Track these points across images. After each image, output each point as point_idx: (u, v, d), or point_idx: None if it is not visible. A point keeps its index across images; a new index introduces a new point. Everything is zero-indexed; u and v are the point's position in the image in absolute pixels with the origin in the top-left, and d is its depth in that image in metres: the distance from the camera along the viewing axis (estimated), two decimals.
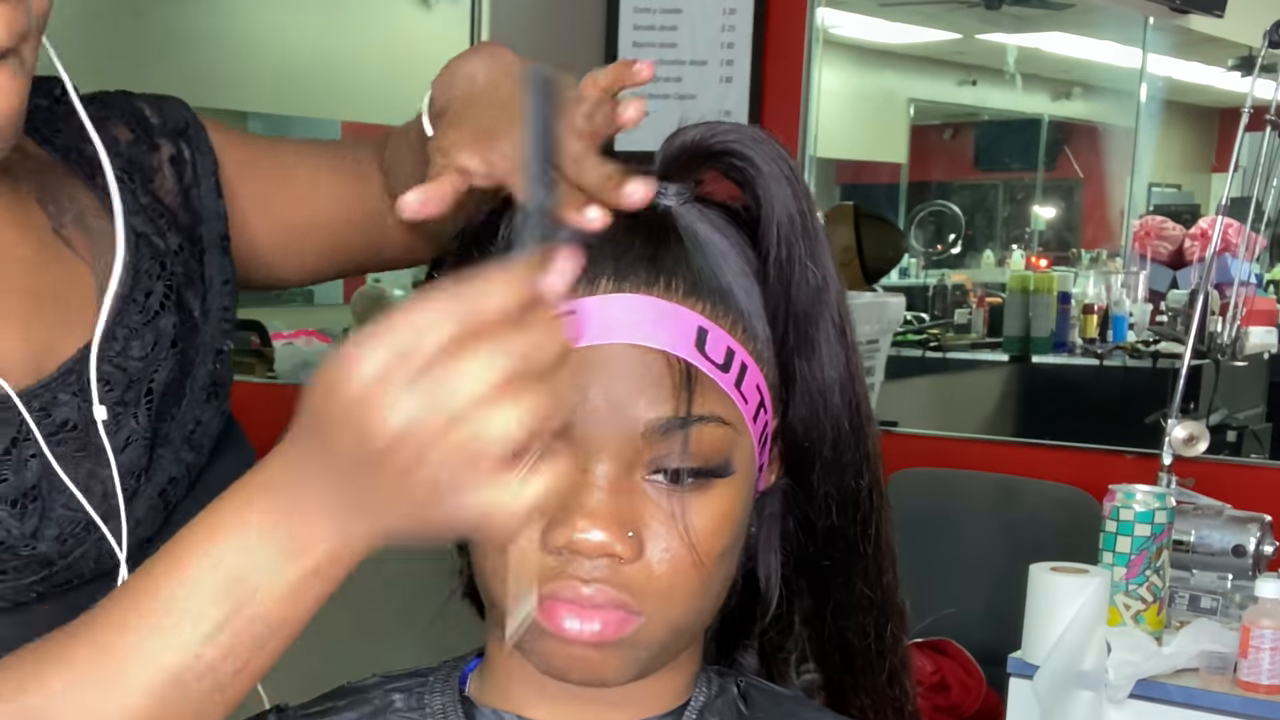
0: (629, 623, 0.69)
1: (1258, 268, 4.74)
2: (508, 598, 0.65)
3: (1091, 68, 6.17)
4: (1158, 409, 2.40)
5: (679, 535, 0.69)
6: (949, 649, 2.84)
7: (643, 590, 0.68)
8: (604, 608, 0.68)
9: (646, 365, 0.68)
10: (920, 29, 5.67)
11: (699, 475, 0.69)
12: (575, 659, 0.70)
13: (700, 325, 0.69)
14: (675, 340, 0.68)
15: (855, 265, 3.65)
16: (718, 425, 0.69)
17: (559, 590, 0.68)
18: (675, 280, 0.69)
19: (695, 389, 0.68)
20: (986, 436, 4.09)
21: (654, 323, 0.68)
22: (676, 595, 0.69)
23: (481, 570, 0.72)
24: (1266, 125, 2.53)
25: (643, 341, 0.68)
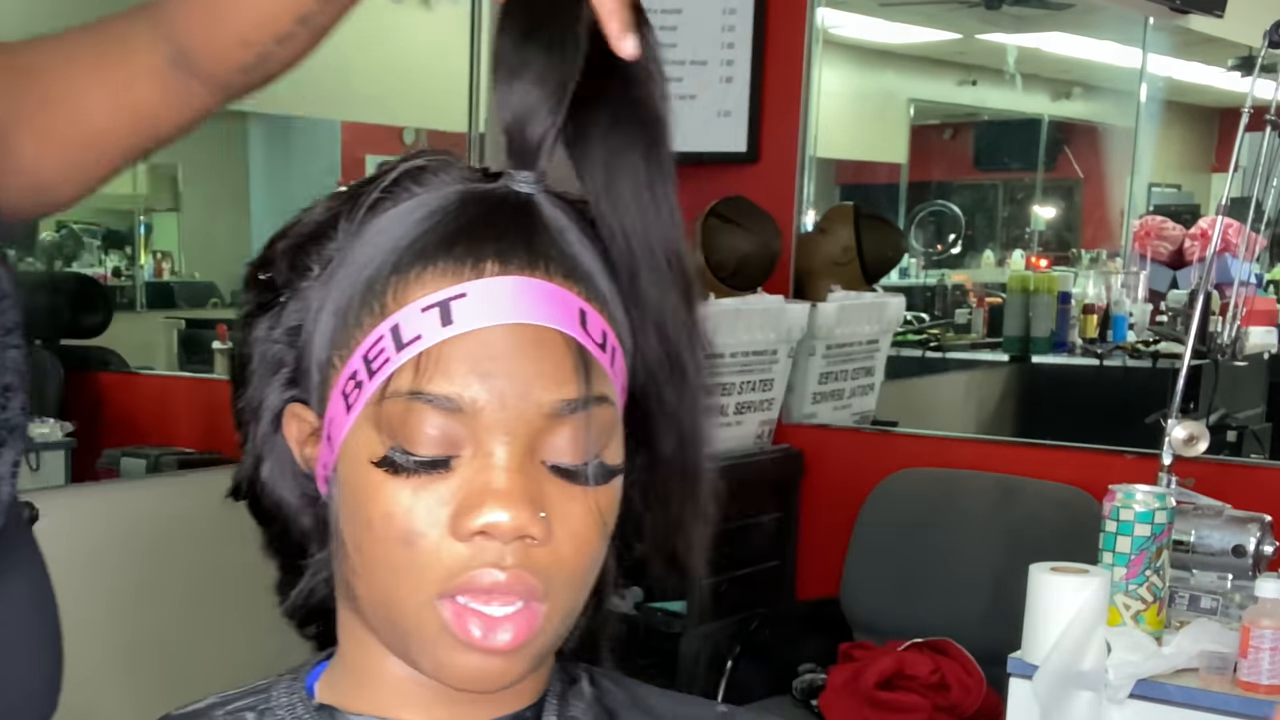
0: (536, 617, 0.68)
1: (1258, 268, 4.74)
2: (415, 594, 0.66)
3: (1091, 68, 6.17)
4: (1158, 409, 2.40)
5: (583, 514, 0.69)
6: (949, 649, 2.84)
7: (551, 574, 0.68)
8: (515, 604, 0.67)
9: (544, 345, 0.68)
10: (920, 29, 5.67)
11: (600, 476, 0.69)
12: (481, 669, 0.68)
13: (580, 308, 0.69)
14: (566, 321, 0.68)
15: (855, 265, 3.65)
16: (608, 405, 0.70)
17: (473, 580, 0.67)
18: (553, 264, 0.69)
19: (589, 367, 0.69)
20: (986, 436, 4.09)
21: (544, 303, 0.68)
22: (576, 579, 0.69)
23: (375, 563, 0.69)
24: (1266, 125, 2.53)
25: (537, 320, 0.68)
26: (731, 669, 3.00)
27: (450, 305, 0.67)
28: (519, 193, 0.71)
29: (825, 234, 3.68)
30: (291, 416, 0.74)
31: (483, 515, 0.66)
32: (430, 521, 0.67)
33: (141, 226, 5.03)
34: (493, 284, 0.68)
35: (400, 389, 0.68)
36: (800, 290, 3.58)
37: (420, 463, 0.67)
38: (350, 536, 0.71)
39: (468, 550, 0.67)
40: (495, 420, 0.67)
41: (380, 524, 0.68)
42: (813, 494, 3.46)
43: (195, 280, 5.14)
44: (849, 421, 3.64)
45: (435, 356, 0.67)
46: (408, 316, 0.68)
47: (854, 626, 3.18)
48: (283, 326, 0.74)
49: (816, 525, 3.43)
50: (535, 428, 0.68)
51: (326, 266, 0.73)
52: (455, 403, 0.67)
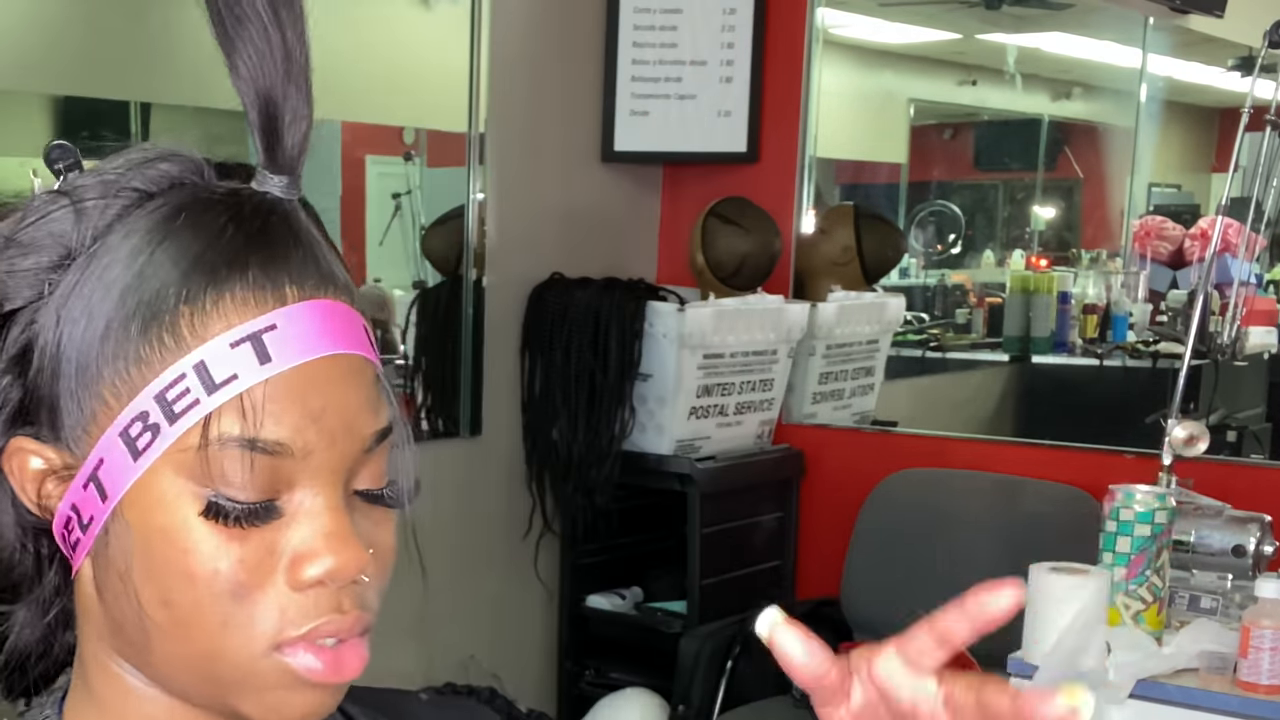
0: (362, 648, 0.65)
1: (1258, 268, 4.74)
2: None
3: (1091, 68, 6.16)
4: (1158, 409, 2.40)
5: (385, 535, 0.67)
6: None
7: (373, 602, 0.66)
8: (356, 637, 0.65)
9: (356, 374, 0.64)
10: (920, 29, 5.67)
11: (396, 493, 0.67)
12: (314, 703, 0.65)
13: (363, 323, 0.66)
14: (362, 342, 0.65)
15: (855, 265, 3.65)
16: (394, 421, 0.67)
17: (316, 631, 0.63)
18: (329, 282, 0.64)
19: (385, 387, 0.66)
20: (986, 436, 4.09)
21: (346, 328, 0.64)
22: (382, 599, 0.68)
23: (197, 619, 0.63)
24: (1266, 125, 2.53)
25: (348, 349, 0.64)
26: (731, 669, 3.00)
27: (263, 339, 0.61)
28: (281, 202, 0.65)
29: (825, 234, 3.68)
30: (17, 451, 0.66)
31: (319, 564, 0.62)
32: (262, 571, 0.63)
33: None
34: (298, 312, 0.62)
35: (226, 434, 0.61)
36: (800, 290, 3.58)
37: (247, 511, 0.62)
38: (154, 592, 0.63)
39: (306, 599, 0.63)
40: (324, 460, 0.63)
41: (205, 578, 0.62)
42: (813, 494, 3.46)
43: None
44: (849, 421, 3.64)
45: (259, 398, 0.61)
46: (214, 353, 0.61)
47: (854, 626, 3.18)
48: (4, 356, 0.66)
49: (816, 525, 3.43)
50: (355, 460, 0.64)
51: (57, 286, 0.64)
52: (286, 447, 0.62)
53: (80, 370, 0.63)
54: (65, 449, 0.65)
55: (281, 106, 0.63)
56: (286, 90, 0.63)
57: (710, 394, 3.25)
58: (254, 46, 0.62)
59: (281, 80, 0.63)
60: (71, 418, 0.64)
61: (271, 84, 0.63)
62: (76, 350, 0.63)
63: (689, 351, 3.16)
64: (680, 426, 3.20)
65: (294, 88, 0.63)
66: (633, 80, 3.53)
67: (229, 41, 0.63)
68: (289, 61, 0.63)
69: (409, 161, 3.74)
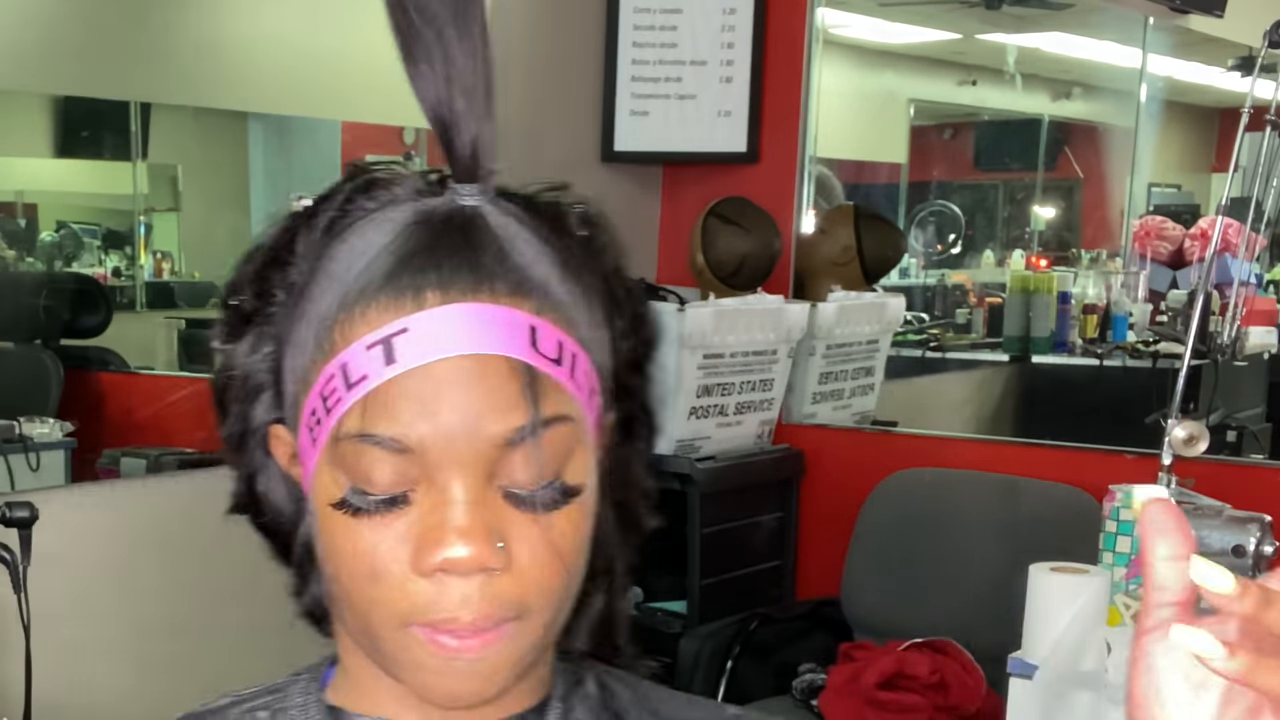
0: (505, 632, 0.68)
1: (1258, 268, 4.74)
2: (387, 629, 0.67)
3: (1091, 68, 6.17)
4: (1158, 409, 2.40)
5: (542, 537, 0.68)
6: (949, 649, 2.84)
7: (517, 598, 0.68)
8: (484, 629, 0.67)
9: (489, 374, 0.67)
10: (920, 29, 5.67)
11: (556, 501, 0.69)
12: (457, 688, 0.69)
13: (531, 324, 0.68)
14: (513, 344, 0.67)
15: (855, 265, 3.65)
16: (564, 423, 0.69)
17: (441, 624, 0.67)
18: (498, 282, 0.68)
19: (539, 390, 0.67)
20: (986, 436, 4.09)
21: (488, 329, 0.67)
22: (547, 596, 0.69)
23: (349, 594, 0.70)
24: (1266, 125, 2.53)
25: (481, 350, 0.67)
26: (731, 669, 3.00)
27: (393, 342, 0.67)
28: (464, 208, 0.70)
29: (825, 234, 3.68)
30: (275, 438, 0.75)
31: (441, 552, 0.66)
32: (392, 558, 0.67)
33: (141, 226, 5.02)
34: (434, 316, 0.67)
35: (350, 430, 0.67)
36: (800, 290, 3.58)
37: (378, 502, 0.68)
38: (327, 566, 0.71)
39: (432, 587, 0.67)
40: (445, 456, 0.67)
41: (349, 560, 0.69)
42: (813, 494, 3.46)
43: (195, 280, 5.14)
44: (849, 421, 3.64)
45: (381, 397, 0.67)
46: (354, 355, 0.68)
47: (854, 626, 3.18)
48: (260, 352, 0.74)
49: (816, 525, 3.43)
50: (488, 458, 0.67)
51: (290, 291, 0.73)
52: (402, 443, 0.67)
53: (292, 368, 0.72)
54: (295, 436, 0.73)
55: (449, 120, 0.69)
56: (453, 104, 0.69)
57: (710, 394, 3.25)
58: (425, 65, 0.69)
59: (448, 95, 0.69)
60: (292, 409, 0.73)
61: (439, 99, 0.69)
62: (290, 354, 0.72)
63: (689, 351, 3.16)
64: (680, 426, 3.20)
65: (463, 101, 0.69)
66: (633, 80, 3.53)
67: (408, 64, 0.70)
68: (454, 77, 0.68)
69: (409, 161, 3.75)
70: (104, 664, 2.59)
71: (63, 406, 3.41)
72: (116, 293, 4.85)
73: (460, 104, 0.68)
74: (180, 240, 5.26)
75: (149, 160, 3.91)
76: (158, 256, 5.21)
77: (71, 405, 3.44)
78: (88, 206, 4.33)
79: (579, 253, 0.73)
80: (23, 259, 4.22)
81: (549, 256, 0.71)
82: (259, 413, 0.75)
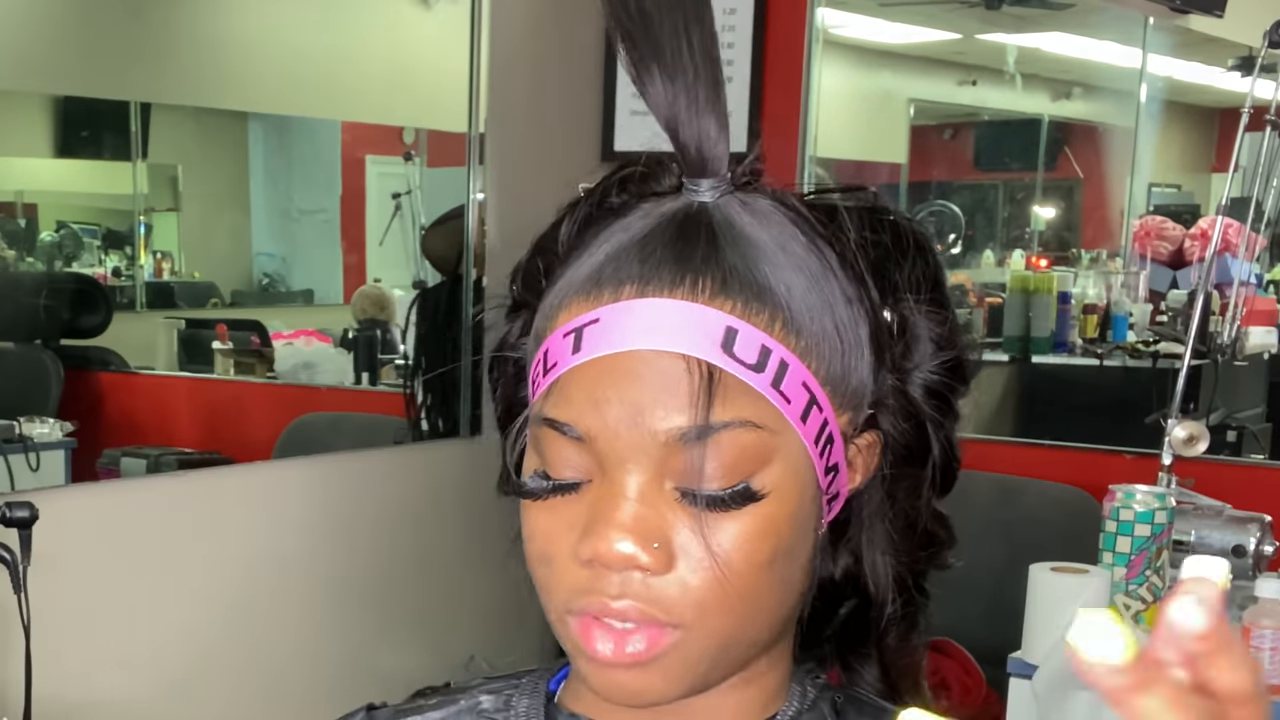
0: (663, 638, 0.67)
1: (1258, 268, 4.74)
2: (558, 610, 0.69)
3: (1091, 68, 6.16)
4: (1158, 409, 2.40)
5: (708, 543, 0.66)
6: (949, 649, 2.83)
7: (676, 604, 0.66)
8: (634, 625, 0.66)
9: (664, 371, 0.66)
10: (920, 29, 5.67)
11: (725, 502, 0.67)
12: (612, 681, 0.68)
13: (729, 325, 0.66)
14: (697, 343, 0.66)
15: None
16: (748, 429, 0.66)
17: (588, 606, 0.67)
18: (703, 280, 0.67)
19: (717, 393, 0.65)
20: (986, 436, 4.09)
21: (675, 326, 0.66)
22: (714, 607, 0.67)
23: (533, 578, 0.72)
24: (1266, 125, 2.53)
25: (661, 346, 0.66)
26: None
27: (583, 332, 0.68)
28: (690, 204, 0.70)
29: None
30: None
31: (595, 543, 0.66)
32: (559, 542, 0.69)
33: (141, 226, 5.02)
34: (625, 308, 0.67)
35: (538, 414, 0.69)
36: None
37: (551, 487, 0.69)
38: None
39: (587, 575, 0.67)
40: (612, 448, 0.67)
41: (528, 543, 0.71)
42: None
43: (195, 280, 5.14)
44: None
45: (563, 384, 0.68)
46: (554, 342, 0.69)
47: None
48: (526, 336, 0.76)
49: None
50: (657, 455, 0.66)
51: (550, 281, 0.74)
52: (574, 429, 0.67)
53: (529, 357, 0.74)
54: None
55: (673, 115, 0.69)
56: (678, 100, 0.68)
57: None
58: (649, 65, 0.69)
59: (672, 92, 0.68)
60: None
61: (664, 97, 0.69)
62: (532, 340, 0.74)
63: None
64: None
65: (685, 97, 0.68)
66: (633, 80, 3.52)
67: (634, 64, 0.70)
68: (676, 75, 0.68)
69: (409, 161, 3.75)
70: (104, 664, 2.59)
71: (63, 406, 3.41)
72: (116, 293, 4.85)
73: (683, 101, 0.68)
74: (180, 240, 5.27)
75: (149, 160, 3.91)
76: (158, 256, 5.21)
77: (71, 405, 3.45)
78: (88, 206, 4.33)
79: (834, 258, 0.70)
80: (23, 259, 4.22)
81: (784, 258, 0.69)
82: (524, 394, 0.76)
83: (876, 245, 0.72)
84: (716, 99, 0.68)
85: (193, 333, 4.70)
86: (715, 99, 0.68)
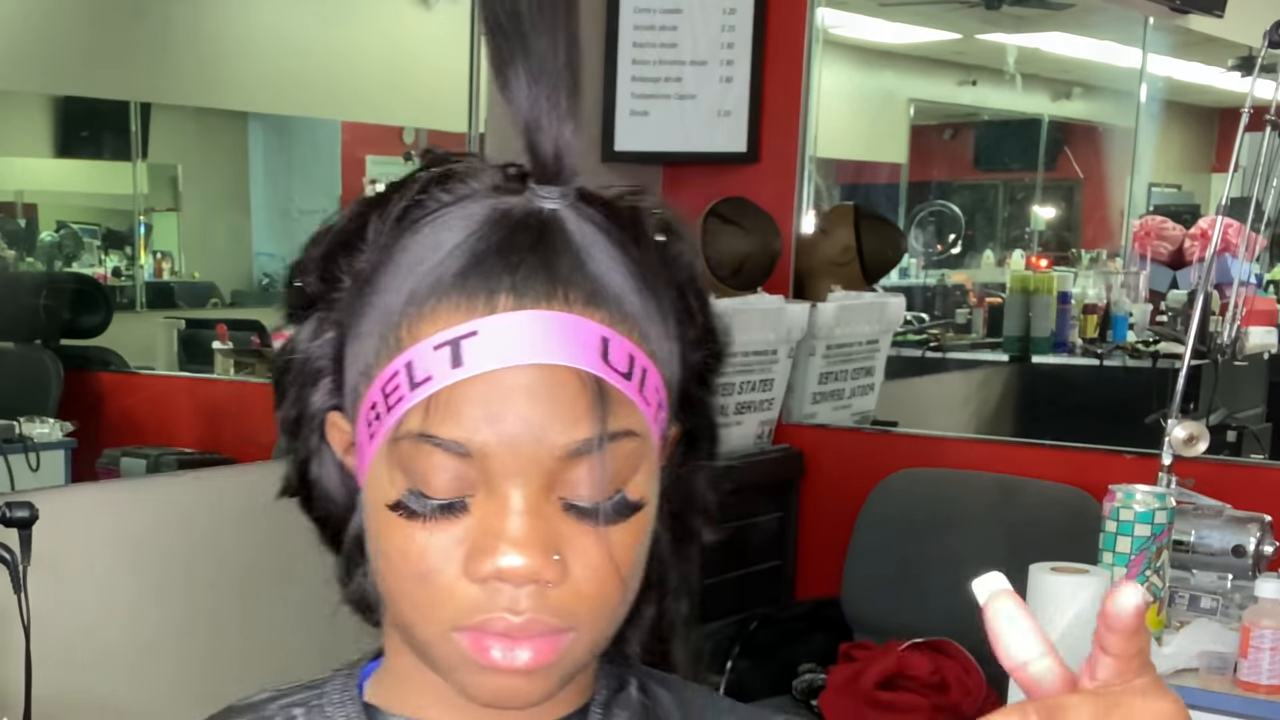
0: (559, 644, 0.67)
1: (1258, 268, 4.74)
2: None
3: (1091, 68, 6.17)
4: (1158, 409, 2.40)
5: (600, 551, 0.67)
6: (949, 649, 2.84)
7: (570, 610, 0.67)
8: (534, 636, 0.67)
9: (558, 385, 0.66)
10: (920, 29, 5.67)
11: (614, 511, 0.68)
12: (503, 688, 0.68)
13: (603, 335, 0.67)
14: (581, 354, 0.66)
15: (855, 265, 3.65)
16: (631, 438, 0.68)
17: (488, 624, 0.66)
18: (573, 290, 0.67)
19: (607, 404, 0.66)
20: (986, 436, 4.09)
21: (559, 339, 0.66)
22: (602, 609, 0.68)
23: (394, 594, 0.70)
24: (1266, 125, 2.53)
25: (551, 360, 0.66)
26: (731, 669, 3.00)
27: (461, 345, 0.66)
28: (541, 210, 0.69)
29: (825, 234, 3.69)
30: (332, 425, 0.74)
31: (495, 560, 0.65)
32: (444, 561, 0.67)
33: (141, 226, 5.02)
34: (505, 321, 0.66)
35: (411, 430, 0.67)
36: (800, 290, 3.58)
37: (435, 506, 0.67)
38: (373, 562, 0.72)
39: (482, 592, 0.66)
40: (507, 465, 0.66)
41: (397, 560, 0.68)
42: (813, 494, 3.46)
43: (195, 280, 5.14)
44: (849, 421, 3.64)
45: (445, 399, 0.66)
46: (420, 354, 0.67)
47: (854, 626, 3.18)
48: (322, 337, 0.74)
49: (816, 525, 3.43)
50: (549, 469, 0.66)
51: (357, 279, 0.72)
52: (465, 447, 0.66)
53: (354, 358, 0.71)
54: (353, 426, 0.72)
55: (534, 119, 0.69)
56: (538, 104, 0.68)
57: None
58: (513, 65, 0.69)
59: (533, 95, 0.68)
60: (352, 399, 0.72)
61: (525, 99, 0.69)
62: (353, 344, 0.71)
63: None
64: None
65: (548, 102, 0.68)
66: (633, 80, 3.53)
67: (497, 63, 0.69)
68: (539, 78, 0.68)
69: (409, 161, 3.75)
70: (104, 664, 2.59)
71: (63, 406, 3.42)
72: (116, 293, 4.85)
73: (545, 104, 0.68)
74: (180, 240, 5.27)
75: (149, 160, 3.91)
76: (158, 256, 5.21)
77: (71, 405, 3.45)
78: (88, 206, 4.33)
79: (654, 261, 0.71)
80: (23, 259, 4.22)
81: (625, 265, 0.69)
82: (317, 398, 0.74)
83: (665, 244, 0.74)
84: (576, 107, 0.69)
85: (193, 333, 4.70)
86: (575, 107, 0.69)
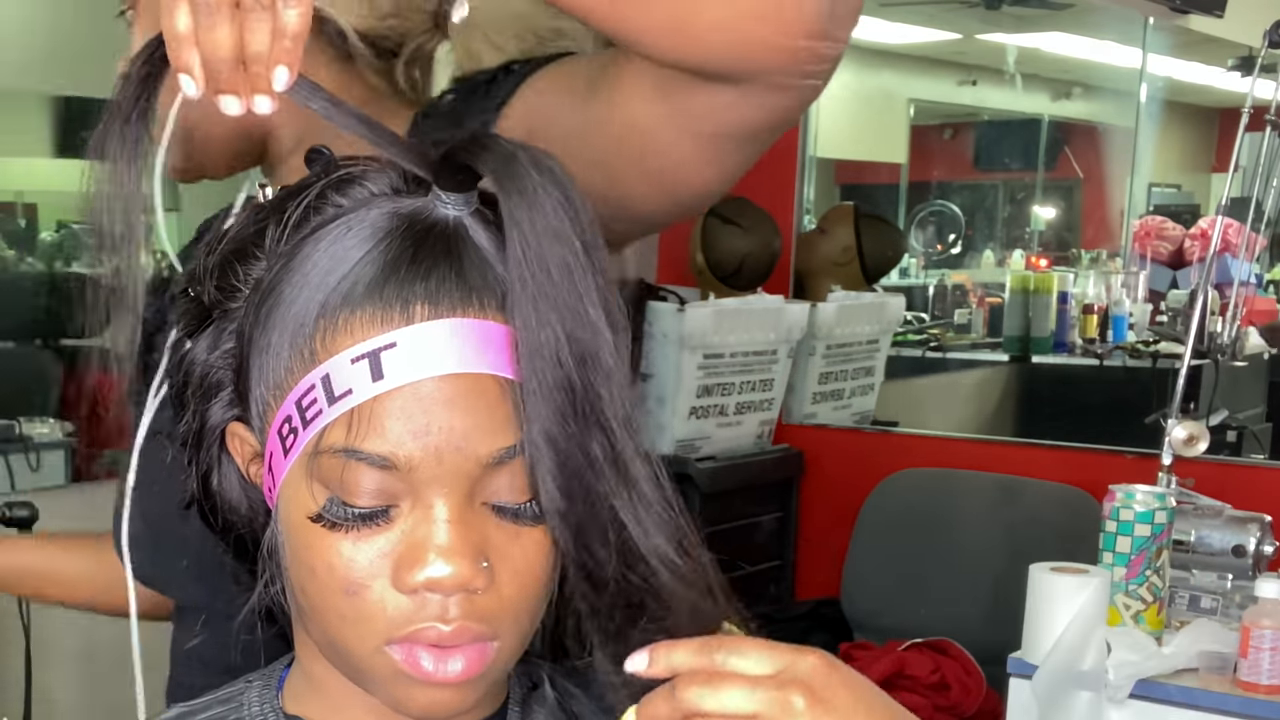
0: (488, 652, 0.67)
1: (1258, 268, 4.75)
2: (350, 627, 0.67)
3: (1091, 68, 6.17)
4: (1158, 409, 2.40)
5: (522, 553, 0.68)
6: (949, 649, 2.84)
7: (495, 616, 0.67)
8: (465, 644, 0.67)
9: (479, 393, 0.66)
10: (920, 29, 5.66)
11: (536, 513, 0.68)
12: (436, 700, 0.68)
13: (514, 341, 0.66)
14: (499, 361, 0.66)
15: (855, 265, 3.65)
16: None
17: (419, 634, 0.66)
18: (485, 296, 0.66)
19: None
20: (986, 436, 4.09)
21: (477, 346, 0.66)
22: (523, 614, 0.69)
23: (320, 609, 0.69)
24: (1266, 125, 2.53)
25: (471, 369, 0.66)
26: None
27: (380, 357, 0.65)
28: (446, 218, 0.68)
29: (825, 234, 3.68)
30: (234, 436, 0.73)
31: (424, 570, 0.65)
32: (372, 573, 0.66)
33: None
34: (423, 331, 0.65)
35: (334, 444, 0.66)
36: (800, 290, 3.58)
37: (359, 515, 0.66)
38: (294, 577, 0.70)
39: (411, 603, 0.66)
40: (432, 475, 0.66)
41: (323, 574, 0.67)
42: (813, 494, 3.46)
43: None
44: (849, 421, 3.64)
45: (368, 413, 0.65)
46: (338, 367, 0.66)
47: (854, 626, 3.18)
48: (220, 349, 0.72)
49: (816, 525, 3.43)
50: (474, 476, 0.66)
51: (256, 288, 0.70)
52: (390, 461, 0.65)
53: (259, 372, 0.69)
54: (260, 438, 0.71)
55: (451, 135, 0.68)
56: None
57: (710, 394, 3.25)
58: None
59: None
60: (259, 412, 0.70)
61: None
62: (258, 356, 0.69)
63: (689, 351, 3.16)
64: (680, 426, 3.20)
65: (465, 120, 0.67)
66: None
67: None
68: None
69: None
70: (104, 664, 2.59)
71: (63, 406, 3.41)
72: None
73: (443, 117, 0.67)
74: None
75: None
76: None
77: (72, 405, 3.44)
78: None
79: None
80: (23, 259, 4.22)
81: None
82: (217, 411, 0.73)
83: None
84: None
85: None
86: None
